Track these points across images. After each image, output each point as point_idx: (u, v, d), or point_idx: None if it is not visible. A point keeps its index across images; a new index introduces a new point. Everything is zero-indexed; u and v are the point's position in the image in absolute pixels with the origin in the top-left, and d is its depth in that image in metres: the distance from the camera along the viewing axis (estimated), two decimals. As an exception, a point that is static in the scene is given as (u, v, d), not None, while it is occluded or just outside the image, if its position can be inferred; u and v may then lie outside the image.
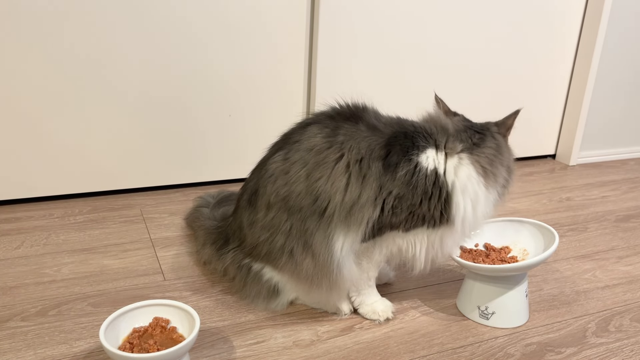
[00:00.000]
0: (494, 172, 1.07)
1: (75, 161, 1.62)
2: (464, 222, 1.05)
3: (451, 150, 1.04)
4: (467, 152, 1.05)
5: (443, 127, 1.07)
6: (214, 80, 1.70)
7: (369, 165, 1.02)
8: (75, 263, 1.32)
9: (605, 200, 1.90)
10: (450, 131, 1.06)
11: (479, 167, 1.05)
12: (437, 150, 1.04)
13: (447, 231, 1.06)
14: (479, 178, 1.04)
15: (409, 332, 1.13)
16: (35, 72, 1.50)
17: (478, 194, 1.04)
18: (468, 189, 1.03)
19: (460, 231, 1.06)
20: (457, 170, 1.03)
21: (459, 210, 1.03)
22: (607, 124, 2.33)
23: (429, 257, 1.10)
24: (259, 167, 1.16)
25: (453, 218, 1.04)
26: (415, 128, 1.06)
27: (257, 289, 1.15)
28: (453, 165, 1.03)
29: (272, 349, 1.05)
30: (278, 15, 1.69)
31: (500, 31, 2.01)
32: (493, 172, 1.06)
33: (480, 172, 1.05)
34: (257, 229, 1.10)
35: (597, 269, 1.42)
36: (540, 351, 1.08)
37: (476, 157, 1.05)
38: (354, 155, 1.02)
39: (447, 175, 1.03)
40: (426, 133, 1.05)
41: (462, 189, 1.03)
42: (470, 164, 1.04)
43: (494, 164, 1.07)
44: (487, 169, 1.06)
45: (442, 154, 1.04)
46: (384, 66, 1.87)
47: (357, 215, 1.01)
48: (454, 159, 1.04)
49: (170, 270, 1.31)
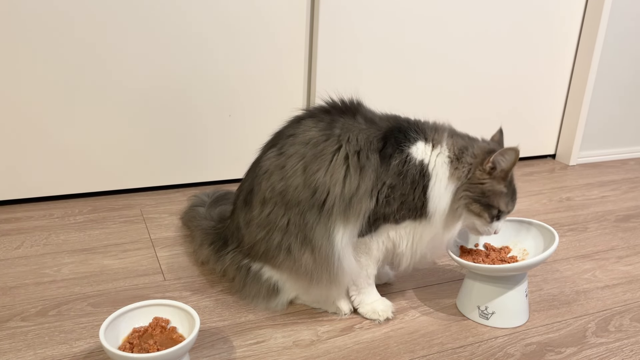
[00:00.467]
0: (461, 164, 1.06)
1: (75, 161, 1.62)
2: (435, 213, 1.05)
3: (436, 142, 1.06)
4: (449, 138, 1.06)
5: (440, 127, 1.09)
6: (215, 81, 1.70)
7: (367, 156, 1.03)
8: (75, 263, 1.32)
9: (605, 200, 1.90)
10: (444, 130, 1.08)
11: (452, 153, 1.06)
12: (426, 142, 1.06)
13: (427, 225, 1.07)
14: (448, 164, 1.05)
15: (408, 332, 1.13)
16: (36, 72, 1.50)
17: (442, 180, 1.04)
18: (439, 175, 1.04)
19: (435, 225, 1.06)
20: (437, 158, 1.05)
21: (432, 199, 1.04)
22: (607, 124, 2.33)
23: (414, 252, 1.10)
24: (253, 167, 1.16)
25: (428, 207, 1.04)
26: (409, 123, 1.09)
27: (257, 289, 1.15)
28: (435, 155, 1.05)
29: (272, 349, 1.05)
30: (278, 15, 1.69)
31: (501, 30, 2.01)
32: (460, 164, 1.05)
33: (451, 157, 1.05)
34: (254, 227, 1.10)
35: (597, 268, 1.42)
36: (540, 351, 1.08)
37: (454, 141, 1.06)
38: (353, 147, 1.03)
39: (429, 165, 1.04)
40: (418, 128, 1.07)
41: (435, 175, 1.04)
42: (446, 149, 1.06)
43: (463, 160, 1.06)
44: (458, 156, 1.05)
45: (430, 146, 1.06)
46: (384, 65, 1.87)
47: (356, 206, 1.02)
48: (437, 149, 1.05)
49: (170, 270, 1.31)
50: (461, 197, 1.05)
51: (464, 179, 1.05)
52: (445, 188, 1.04)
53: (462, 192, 1.05)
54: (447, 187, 1.05)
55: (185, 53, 1.63)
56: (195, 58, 1.65)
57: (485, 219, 1.07)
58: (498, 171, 1.05)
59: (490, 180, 1.05)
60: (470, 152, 1.06)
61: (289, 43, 1.74)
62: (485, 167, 1.04)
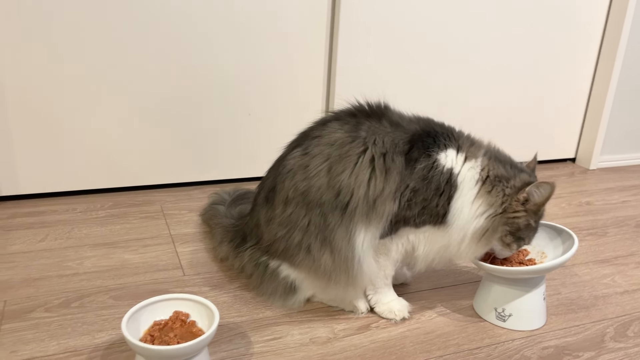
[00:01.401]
0: (496, 191, 1.05)
1: (97, 158, 1.66)
2: (453, 224, 1.05)
3: (470, 154, 1.05)
4: (486, 158, 1.06)
5: (477, 141, 1.09)
6: (234, 80, 1.71)
7: (393, 159, 1.03)
8: (97, 257, 1.35)
9: (625, 205, 1.88)
10: (481, 145, 1.09)
11: (486, 173, 1.05)
12: (458, 151, 1.05)
13: (442, 233, 1.07)
14: (480, 182, 1.05)
15: (425, 332, 1.13)
16: (59, 72, 1.53)
17: (468, 195, 1.04)
18: (465, 188, 1.04)
19: (450, 235, 1.06)
20: (467, 172, 1.04)
21: (454, 209, 1.04)
22: (628, 128, 2.30)
23: (429, 258, 1.11)
24: (276, 165, 1.17)
25: (448, 217, 1.05)
26: (442, 129, 1.08)
27: (274, 286, 1.17)
28: (467, 168, 1.04)
29: (289, 345, 1.06)
30: (299, 17, 1.70)
31: (522, 33, 2.00)
32: (495, 190, 1.05)
33: (484, 177, 1.05)
34: (275, 225, 1.11)
35: (616, 274, 1.41)
36: (557, 355, 1.08)
37: (491, 165, 1.06)
38: (379, 149, 1.03)
39: (459, 176, 1.04)
40: (452, 135, 1.07)
41: (462, 187, 1.04)
42: (479, 166, 1.05)
43: (499, 187, 1.05)
44: (493, 183, 1.05)
45: (463, 156, 1.05)
46: (404, 64, 1.87)
47: (380, 208, 1.02)
48: (471, 162, 1.05)
49: (190, 265, 1.33)
50: (499, 229, 1.05)
51: (498, 208, 1.04)
52: (471, 203, 1.04)
53: (500, 225, 1.05)
54: (474, 204, 1.04)
55: (206, 54, 1.65)
56: (216, 59, 1.67)
57: (512, 249, 1.09)
58: (531, 204, 1.05)
59: (525, 214, 1.05)
60: (511, 184, 1.05)
61: (310, 44, 1.75)
62: (519, 198, 1.04)
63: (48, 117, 1.57)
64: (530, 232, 1.07)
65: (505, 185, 1.05)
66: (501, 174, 1.05)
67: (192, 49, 1.64)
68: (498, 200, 1.04)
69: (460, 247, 1.07)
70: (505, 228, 1.05)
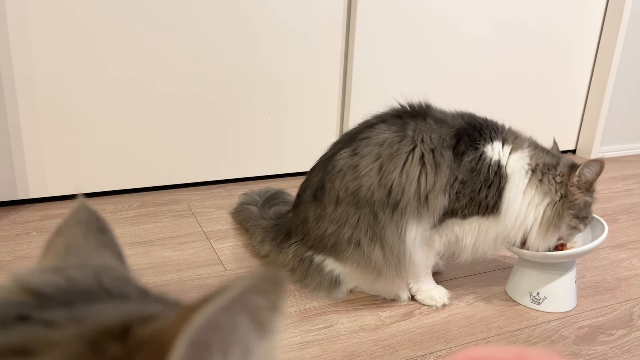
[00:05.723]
0: (547, 179, 1.12)
1: (124, 158, 1.67)
2: (507, 213, 1.11)
3: (517, 145, 1.11)
4: (532, 149, 1.12)
5: (520, 134, 1.15)
6: (255, 80, 1.75)
7: (442, 154, 1.08)
8: (137, 255, 1.37)
9: (630, 192, 1.97)
10: (524, 137, 1.14)
11: (534, 163, 1.11)
12: (504, 144, 1.11)
13: (495, 222, 1.12)
14: (529, 172, 1.11)
15: (466, 317, 1.19)
16: (88, 74, 1.55)
17: (519, 185, 1.10)
18: (516, 178, 1.10)
19: (504, 224, 1.12)
20: (516, 162, 1.10)
21: (507, 200, 1.10)
22: (627, 119, 2.39)
23: (476, 248, 1.16)
24: (322, 164, 1.21)
25: (500, 207, 1.10)
26: (486, 122, 1.13)
27: (319, 280, 1.21)
28: (515, 159, 1.10)
29: (341, 333, 1.11)
30: (317, 18, 1.74)
31: (523, 27, 2.07)
32: (546, 179, 1.12)
33: (533, 167, 1.11)
34: (325, 222, 1.15)
35: (632, 257, 1.49)
36: (592, 333, 1.15)
37: (537, 156, 1.12)
38: (427, 146, 1.08)
39: (507, 167, 1.09)
40: (496, 128, 1.12)
41: (512, 178, 1.10)
42: (527, 157, 1.11)
43: (550, 175, 1.12)
44: (542, 171, 1.12)
45: (509, 148, 1.11)
46: (419, 63, 1.93)
47: (432, 203, 1.07)
48: (517, 154, 1.11)
49: (230, 261, 1.36)
50: (564, 215, 1.11)
51: (555, 195, 1.11)
52: (524, 193, 1.10)
53: (565, 210, 1.11)
54: (527, 193, 1.10)
55: (228, 55, 1.68)
56: (238, 61, 1.70)
57: (580, 230, 1.15)
58: (583, 182, 1.12)
59: (582, 195, 1.12)
60: (559, 171, 1.12)
61: (326, 45, 1.79)
62: (573, 181, 1.11)
63: (75, 120, 1.58)
64: (590, 209, 1.15)
65: (554, 173, 1.11)
66: (548, 162, 1.12)
67: (214, 53, 1.67)
68: (552, 189, 1.10)
69: (530, 236, 1.12)
70: (570, 212, 1.11)
